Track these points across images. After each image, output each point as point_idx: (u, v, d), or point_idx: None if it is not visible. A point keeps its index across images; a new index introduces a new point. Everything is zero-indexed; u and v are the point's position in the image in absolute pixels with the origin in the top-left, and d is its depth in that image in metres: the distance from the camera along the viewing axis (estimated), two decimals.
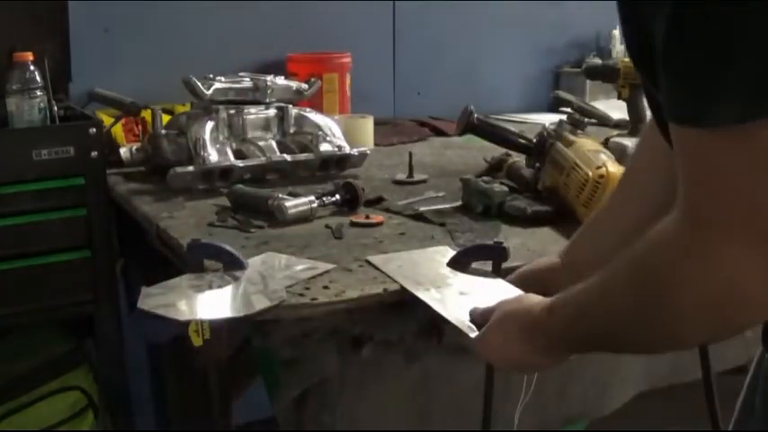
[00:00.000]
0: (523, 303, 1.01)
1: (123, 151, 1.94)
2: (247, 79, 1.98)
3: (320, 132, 1.97)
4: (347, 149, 1.97)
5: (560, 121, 1.72)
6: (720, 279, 0.69)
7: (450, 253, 1.36)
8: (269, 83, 1.98)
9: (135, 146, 1.97)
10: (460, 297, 1.19)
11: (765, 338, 0.91)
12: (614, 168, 1.52)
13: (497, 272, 1.27)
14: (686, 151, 0.70)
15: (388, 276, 1.28)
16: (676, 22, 0.66)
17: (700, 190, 0.69)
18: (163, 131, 1.91)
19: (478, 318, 1.07)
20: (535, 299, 1.00)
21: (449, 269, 1.29)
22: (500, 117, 2.59)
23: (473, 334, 1.06)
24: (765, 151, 0.65)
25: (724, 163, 0.67)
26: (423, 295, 1.20)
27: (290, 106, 2.00)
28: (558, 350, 0.94)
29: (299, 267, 1.31)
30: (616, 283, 0.80)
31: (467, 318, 1.10)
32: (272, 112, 1.98)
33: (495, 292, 1.17)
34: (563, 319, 0.90)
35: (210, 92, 1.90)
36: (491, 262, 1.29)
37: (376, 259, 1.36)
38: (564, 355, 0.96)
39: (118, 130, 2.09)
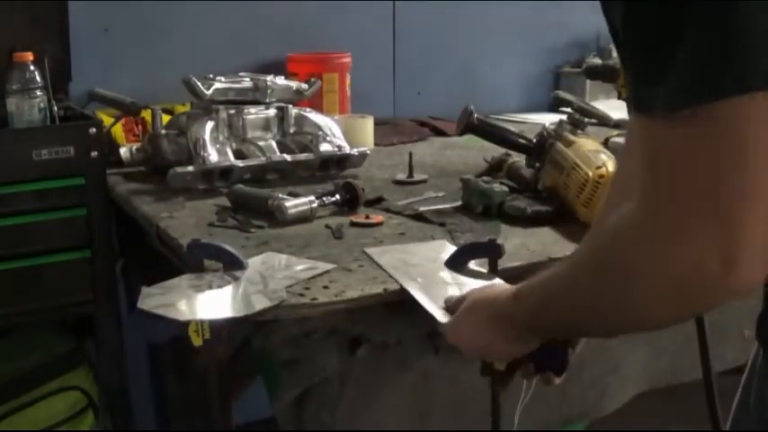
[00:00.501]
0: (491, 291, 1.05)
1: (123, 151, 1.94)
2: (247, 79, 1.98)
3: (320, 132, 1.97)
4: (347, 149, 1.97)
5: (560, 121, 1.72)
6: (681, 264, 0.69)
7: (447, 246, 1.36)
8: (269, 83, 1.98)
9: (135, 146, 1.97)
10: (446, 287, 1.20)
11: (760, 334, 0.91)
12: (614, 168, 1.52)
13: (494, 270, 1.27)
14: (641, 139, 0.72)
15: (380, 266, 1.30)
16: (626, 22, 0.69)
17: (652, 177, 0.70)
18: (163, 131, 1.91)
19: (453, 306, 1.11)
20: (503, 287, 1.05)
21: (447, 269, 1.30)
22: (500, 117, 2.59)
23: (444, 320, 1.10)
24: (711, 135, 0.66)
25: (673, 149, 0.68)
26: (408, 284, 1.22)
27: (290, 106, 2.00)
28: (525, 336, 0.97)
29: (299, 267, 1.31)
30: (580, 272, 0.82)
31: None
32: (272, 112, 1.98)
33: None
34: (529, 307, 0.93)
35: (210, 92, 1.90)
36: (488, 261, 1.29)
37: (372, 251, 1.37)
38: (531, 341, 0.99)
39: (118, 130, 2.09)
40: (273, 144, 1.93)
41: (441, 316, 1.12)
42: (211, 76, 1.93)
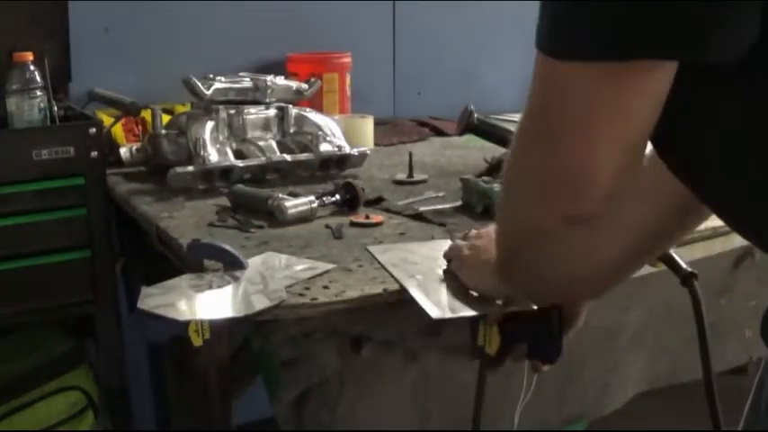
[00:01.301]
0: None
1: (123, 151, 1.94)
2: (247, 79, 1.98)
3: (320, 132, 1.97)
4: (347, 149, 1.97)
5: None
6: (547, 172, 0.76)
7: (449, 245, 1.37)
8: (269, 83, 1.98)
9: (135, 146, 1.97)
10: (445, 285, 1.21)
11: (764, 331, 0.91)
12: None
13: None
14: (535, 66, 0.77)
15: (379, 263, 1.30)
16: None
17: (530, 95, 0.79)
18: (163, 131, 1.91)
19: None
20: None
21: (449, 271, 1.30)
22: (500, 117, 2.59)
23: (434, 314, 1.11)
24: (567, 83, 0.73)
25: (547, 80, 0.77)
26: (405, 281, 1.22)
27: (290, 106, 2.00)
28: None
29: (299, 267, 1.31)
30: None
31: (440, 301, 1.14)
32: (272, 112, 1.98)
33: None
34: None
35: (210, 92, 1.89)
36: None
37: (374, 248, 1.38)
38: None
39: (118, 130, 2.09)
40: (273, 144, 1.93)
41: (435, 312, 1.12)
42: (211, 76, 1.93)
